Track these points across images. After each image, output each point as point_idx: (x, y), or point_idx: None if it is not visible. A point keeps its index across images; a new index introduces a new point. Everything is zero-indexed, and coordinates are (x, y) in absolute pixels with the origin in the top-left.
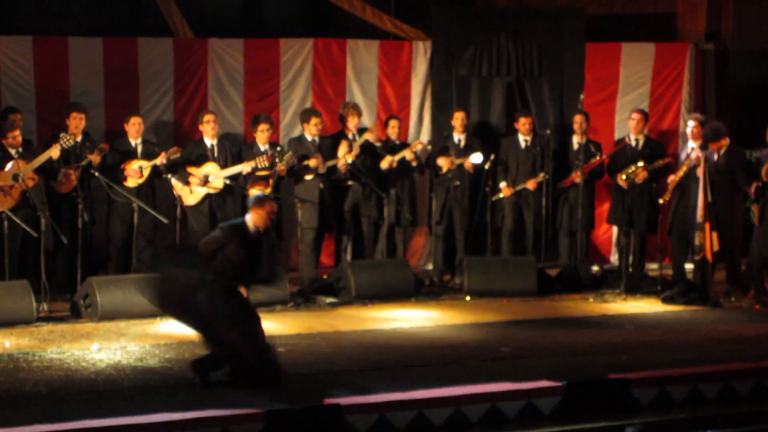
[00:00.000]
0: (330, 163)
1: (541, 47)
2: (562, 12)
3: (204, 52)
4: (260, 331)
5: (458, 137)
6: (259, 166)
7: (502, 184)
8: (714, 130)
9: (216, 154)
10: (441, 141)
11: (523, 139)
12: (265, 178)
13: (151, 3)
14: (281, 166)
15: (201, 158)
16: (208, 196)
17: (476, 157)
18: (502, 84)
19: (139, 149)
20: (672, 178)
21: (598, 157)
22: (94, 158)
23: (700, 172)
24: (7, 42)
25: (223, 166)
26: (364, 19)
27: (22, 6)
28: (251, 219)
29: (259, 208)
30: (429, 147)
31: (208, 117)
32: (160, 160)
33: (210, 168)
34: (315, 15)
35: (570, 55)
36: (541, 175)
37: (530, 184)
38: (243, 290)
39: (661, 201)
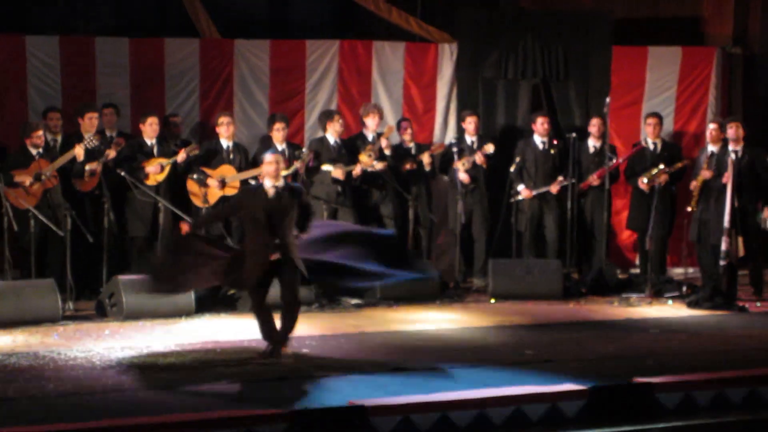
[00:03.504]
0: (348, 168)
1: (567, 50)
2: (589, 15)
3: (230, 52)
4: None
5: (471, 139)
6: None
7: (521, 187)
8: (739, 117)
9: (232, 156)
10: (450, 147)
11: (540, 141)
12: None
13: (177, 3)
14: (300, 164)
15: (217, 160)
16: (222, 197)
17: (488, 147)
18: (527, 86)
19: (156, 149)
20: (694, 184)
21: (614, 161)
22: (110, 153)
23: (726, 177)
24: (35, 42)
25: (239, 168)
26: (390, 21)
27: (49, 6)
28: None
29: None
30: (455, 149)
31: (222, 119)
32: (180, 157)
33: (226, 170)
34: (341, 16)
35: (596, 58)
36: (560, 178)
37: (553, 188)
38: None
39: (689, 209)
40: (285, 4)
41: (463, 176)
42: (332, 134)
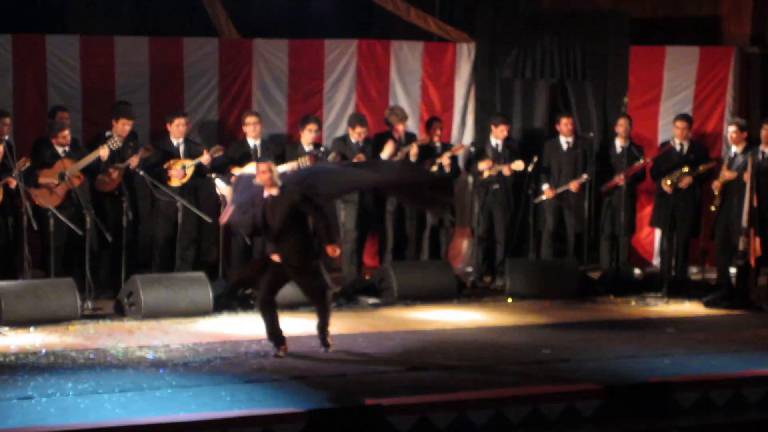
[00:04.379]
0: None
1: (585, 50)
2: (606, 15)
3: (249, 52)
4: None
5: (495, 141)
6: (302, 166)
7: (545, 187)
8: None
9: (259, 154)
10: (477, 147)
11: (564, 141)
12: None
13: (197, 3)
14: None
15: (244, 158)
16: None
17: (518, 165)
18: (545, 86)
19: (182, 149)
20: (716, 184)
21: (641, 161)
22: (133, 161)
23: (746, 176)
24: (55, 41)
25: None
26: (408, 21)
27: (69, 5)
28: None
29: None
30: (472, 149)
31: (249, 119)
32: (204, 158)
33: (253, 169)
34: (359, 16)
35: (614, 57)
36: (584, 176)
37: (573, 186)
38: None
39: (712, 208)
40: (304, 3)
41: (483, 173)
42: (353, 137)
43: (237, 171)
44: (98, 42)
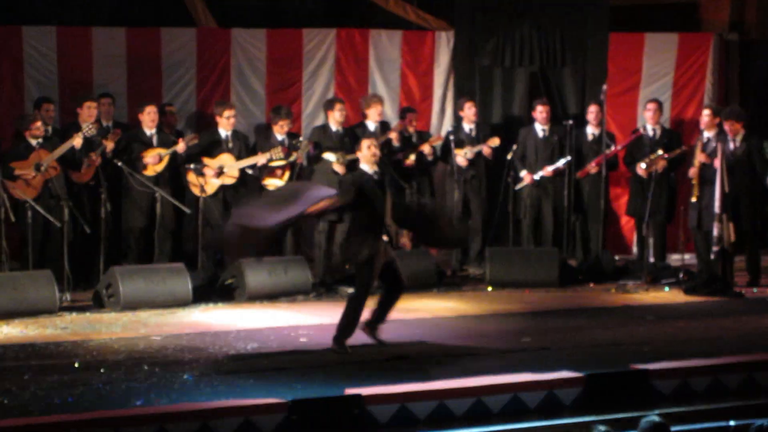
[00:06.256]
0: (350, 157)
1: (564, 37)
2: (585, 2)
3: (227, 41)
4: None
5: (469, 127)
6: (274, 158)
7: (523, 173)
8: (734, 110)
9: (230, 145)
10: (448, 136)
11: (540, 129)
12: (280, 168)
13: None
14: (299, 155)
15: (215, 149)
16: (222, 187)
17: (494, 141)
18: (525, 74)
19: (155, 139)
20: (693, 171)
21: (613, 148)
22: (108, 144)
23: (717, 163)
24: (32, 32)
25: (238, 157)
26: (387, 9)
27: None
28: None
29: (359, 151)
30: (451, 137)
31: (228, 113)
32: (180, 147)
33: (224, 159)
34: (338, 5)
35: (593, 45)
36: (568, 157)
37: (548, 170)
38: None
39: (693, 199)
40: None
41: (461, 161)
42: (333, 123)
43: (208, 161)
44: (75, 33)
